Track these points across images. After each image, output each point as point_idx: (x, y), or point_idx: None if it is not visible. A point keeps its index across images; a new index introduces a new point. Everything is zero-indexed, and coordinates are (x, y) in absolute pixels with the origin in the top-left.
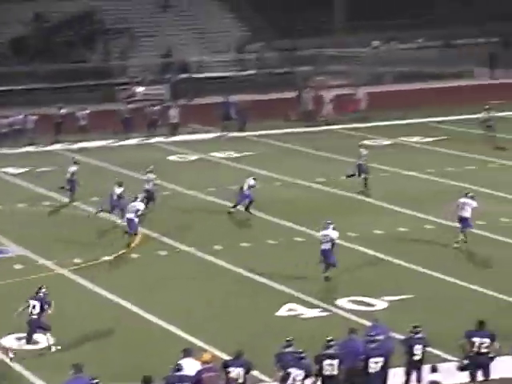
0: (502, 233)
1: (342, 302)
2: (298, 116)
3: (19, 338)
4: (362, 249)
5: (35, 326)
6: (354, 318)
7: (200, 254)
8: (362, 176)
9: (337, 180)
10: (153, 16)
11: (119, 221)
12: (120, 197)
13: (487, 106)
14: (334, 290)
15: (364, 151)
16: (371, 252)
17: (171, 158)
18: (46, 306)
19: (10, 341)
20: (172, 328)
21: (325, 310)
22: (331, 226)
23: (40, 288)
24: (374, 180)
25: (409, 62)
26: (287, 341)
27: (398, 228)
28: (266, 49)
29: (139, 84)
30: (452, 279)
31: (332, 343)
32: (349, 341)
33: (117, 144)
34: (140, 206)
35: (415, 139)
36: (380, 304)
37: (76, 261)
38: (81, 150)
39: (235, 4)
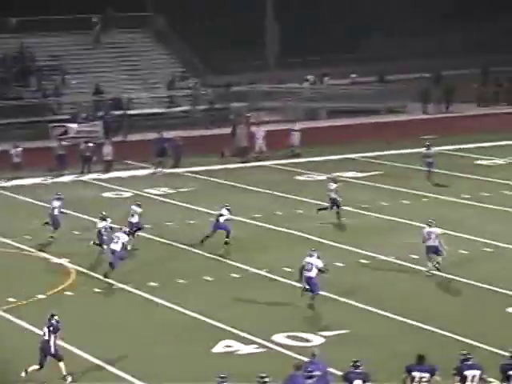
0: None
1: (278, 337)
2: (233, 152)
3: None
4: (296, 284)
5: (47, 352)
6: (290, 353)
7: (136, 291)
8: (335, 209)
9: (271, 215)
10: (85, 53)
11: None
12: (105, 231)
13: (428, 143)
14: (271, 326)
15: (332, 185)
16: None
17: (106, 194)
18: (55, 333)
19: None
20: (109, 367)
21: (261, 345)
22: (315, 255)
23: (52, 315)
24: (309, 215)
25: (342, 97)
26: (221, 377)
27: (334, 263)
28: (199, 85)
29: (73, 121)
30: (389, 314)
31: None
32: (293, 377)
33: (51, 181)
34: (124, 237)
35: (350, 174)
36: (316, 339)
37: (10, 300)
38: (14, 188)
39: (168, 41)
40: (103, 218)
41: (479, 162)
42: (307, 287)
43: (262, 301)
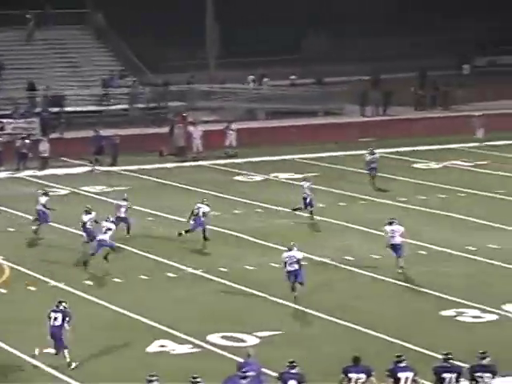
0: (370, 269)
1: (213, 337)
2: (171, 151)
3: None
4: (230, 284)
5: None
6: (225, 354)
7: (70, 290)
8: (309, 208)
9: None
10: (22, 49)
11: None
12: (90, 224)
13: (371, 148)
14: (206, 326)
15: (306, 183)
16: (240, 287)
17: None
18: (67, 319)
19: None
20: (41, 365)
21: (196, 345)
22: (295, 248)
23: (60, 302)
24: (246, 215)
25: (281, 98)
26: (150, 375)
27: (269, 263)
28: (138, 83)
29: (9, 117)
30: (324, 315)
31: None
32: (234, 377)
33: None
34: (111, 225)
35: (287, 175)
36: (251, 340)
37: None
38: None
39: (108, 38)
40: (88, 212)
41: (415, 165)
42: (297, 281)
43: (197, 301)
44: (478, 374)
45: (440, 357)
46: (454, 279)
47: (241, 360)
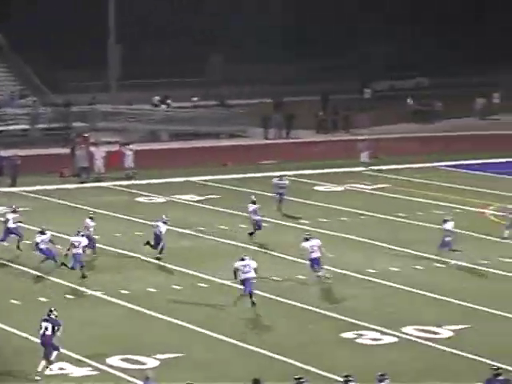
0: (271, 291)
1: (113, 360)
2: (72, 172)
3: None
4: (131, 306)
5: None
6: (124, 376)
7: None
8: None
9: (110, 237)
10: None
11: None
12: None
13: (280, 174)
14: (106, 348)
15: (251, 206)
16: (142, 309)
17: None
18: (56, 328)
19: None
20: None
21: (95, 368)
22: (247, 257)
23: (51, 310)
24: (148, 237)
25: (184, 120)
26: None
27: (171, 285)
28: (39, 103)
29: None
30: (224, 338)
31: None
32: None
33: None
34: (84, 241)
35: (188, 197)
36: (151, 362)
37: None
38: None
39: (8, 57)
40: (42, 232)
41: (317, 188)
42: (247, 290)
43: (97, 323)
44: None
45: (340, 379)
46: (355, 301)
47: (140, 383)
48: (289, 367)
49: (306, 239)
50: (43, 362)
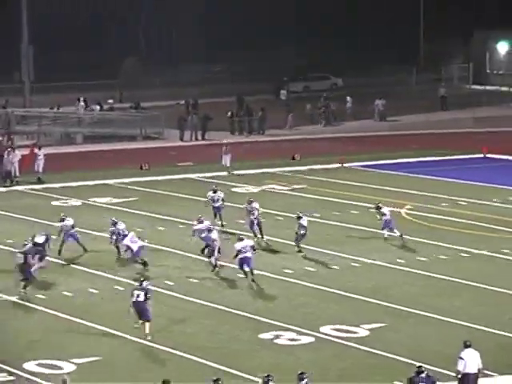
0: (188, 293)
1: (29, 365)
2: None
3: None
4: (47, 310)
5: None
6: (40, 381)
7: None
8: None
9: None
10: None
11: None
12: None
13: (215, 186)
14: (22, 353)
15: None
16: (58, 314)
17: None
18: (149, 295)
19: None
20: None
21: (11, 373)
22: (244, 238)
23: (142, 280)
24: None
25: (99, 123)
26: None
27: (88, 289)
28: None
29: None
30: (138, 340)
31: None
32: None
33: None
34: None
35: (105, 200)
36: (68, 367)
37: None
38: None
39: None
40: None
41: (234, 189)
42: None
43: (12, 327)
44: None
45: (258, 380)
46: (272, 302)
47: None
48: (205, 368)
49: (240, 239)
50: (147, 324)
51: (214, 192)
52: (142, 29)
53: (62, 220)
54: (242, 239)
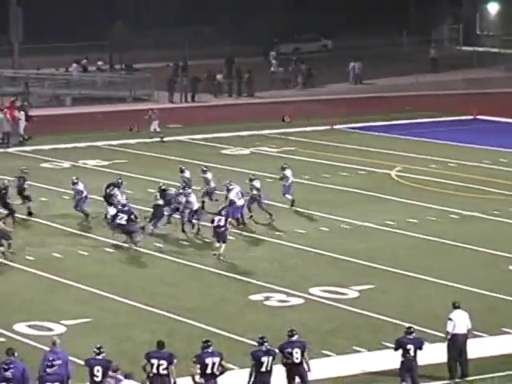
0: (175, 254)
1: (19, 326)
2: None
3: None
4: (36, 272)
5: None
6: (30, 342)
7: None
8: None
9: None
10: None
11: None
12: None
13: (204, 168)
14: (12, 315)
15: (256, 182)
16: (47, 275)
17: None
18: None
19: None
20: None
21: (1, 335)
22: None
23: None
24: (54, 203)
25: (88, 84)
26: None
27: (77, 251)
28: None
29: None
30: (131, 302)
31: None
32: (41, 366)
33: None
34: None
35: (94, 162)
36: (58, 328)
37: None
38: None
39: None
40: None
41: (224, 151)
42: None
43: (2, 290)
44: (288, 350)
45: (248, 341)
46: (262, 264)
47: (47, 349)
48: (196, 329)
49: (228, 190)
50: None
51: (204, 173)
52: None
53: (75, 183)
54: (229, 190)
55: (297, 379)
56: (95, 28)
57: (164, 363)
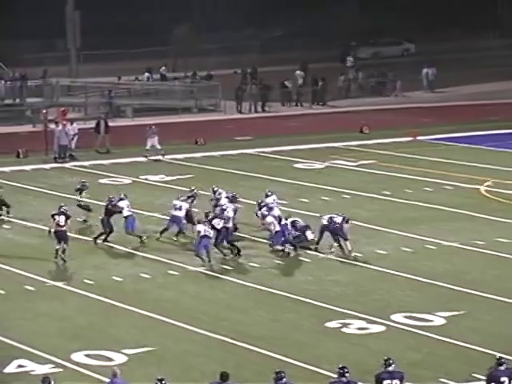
0: (239, 277)
1: (78, 356)
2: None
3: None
4: (96, 297)
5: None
6: (89, 373)
7: None
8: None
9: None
10: None
11: None
12: None
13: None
14: (69, 343)
15: (272, 197)
16: (108, 300)
17: None
18: None
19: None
20: None
21: (58, 365)
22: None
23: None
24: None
25: (149, 94)
26: None
27: (139, 274)
28: None
29: None
30: (195, 329)
31: None
32: None
33: None
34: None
35: (158, 178)
36: (119, 357)
37: None
38: None
39: None
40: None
41: (296, 165)
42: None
43: (60, 316)
44: (388, 382)
45: (325, 372)
46: (338, 287)
47: (107, 380)
48: (267, 359)
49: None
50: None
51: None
52: None
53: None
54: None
55: None
56: (157, 33)
57: None
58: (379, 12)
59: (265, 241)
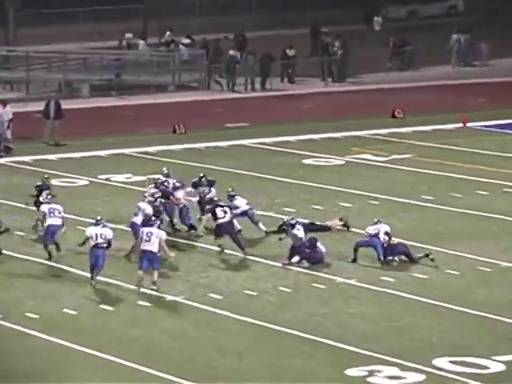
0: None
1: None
2: None
3: None
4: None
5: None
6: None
7: None
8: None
9: None
10: None
11: None
12: None
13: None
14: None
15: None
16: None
17: None
18: None
19: None
20: None
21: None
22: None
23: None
24: None
25: (111, 66)
26: None
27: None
28: None
29: None
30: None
31: None
32: None
33: None
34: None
35: (122, 177)
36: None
37: None
38: None
39: None
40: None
41: (305, 161)
42: None
43: None
44: None
45: None
46: (365, 323)
47: None
48: None
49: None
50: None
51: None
52: None
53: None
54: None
55: None
56: None
57: None
58: None
59: (265, 261)
